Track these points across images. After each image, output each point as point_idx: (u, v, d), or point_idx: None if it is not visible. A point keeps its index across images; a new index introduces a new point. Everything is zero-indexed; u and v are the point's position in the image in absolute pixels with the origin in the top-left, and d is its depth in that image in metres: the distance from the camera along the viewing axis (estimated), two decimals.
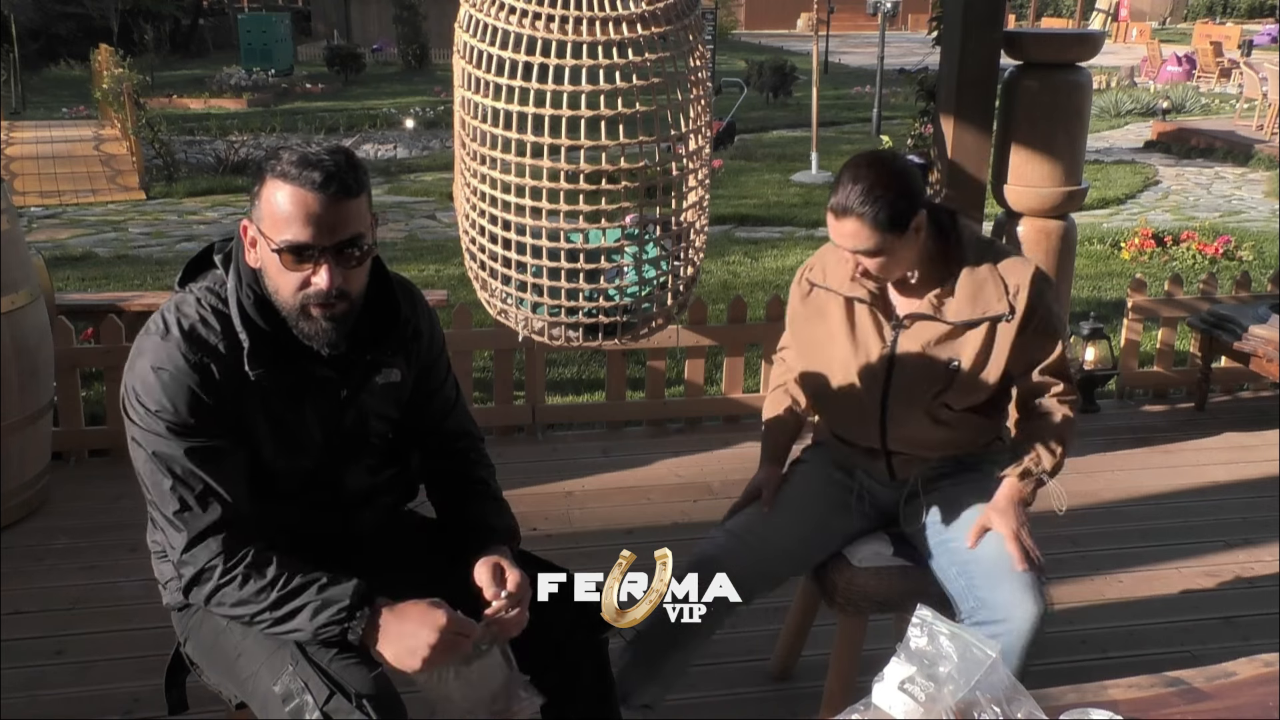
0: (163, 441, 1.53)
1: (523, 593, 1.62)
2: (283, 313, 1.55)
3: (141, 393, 1.53)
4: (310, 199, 1.47)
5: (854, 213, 1.90)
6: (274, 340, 1.57)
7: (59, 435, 3.51)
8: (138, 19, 22.32)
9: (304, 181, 1.47)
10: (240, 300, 1.56)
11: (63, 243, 8.04)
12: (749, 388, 4.10)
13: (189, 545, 1.54)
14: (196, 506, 1.54)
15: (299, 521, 1.67)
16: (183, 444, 1.53)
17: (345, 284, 1.53)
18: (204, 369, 1.53)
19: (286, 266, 1.51)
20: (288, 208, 1.48)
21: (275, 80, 18.57)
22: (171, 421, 1.52)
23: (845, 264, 2.02)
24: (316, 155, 1.49)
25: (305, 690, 1.48)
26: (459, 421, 1.86)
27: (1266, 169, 11.20)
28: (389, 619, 1.52)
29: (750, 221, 8.76)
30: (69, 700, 2.40)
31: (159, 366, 1.53)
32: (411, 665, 1.50)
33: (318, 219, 1.48)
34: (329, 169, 1.48)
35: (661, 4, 2.59)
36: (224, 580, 1.53)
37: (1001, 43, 3.42)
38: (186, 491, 1.53)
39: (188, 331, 1.55)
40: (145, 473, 1.56)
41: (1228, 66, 18.50)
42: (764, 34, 32.01)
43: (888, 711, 1.36)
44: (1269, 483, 3.50)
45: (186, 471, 1.53)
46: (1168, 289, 4.31)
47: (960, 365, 2.01)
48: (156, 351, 1.54)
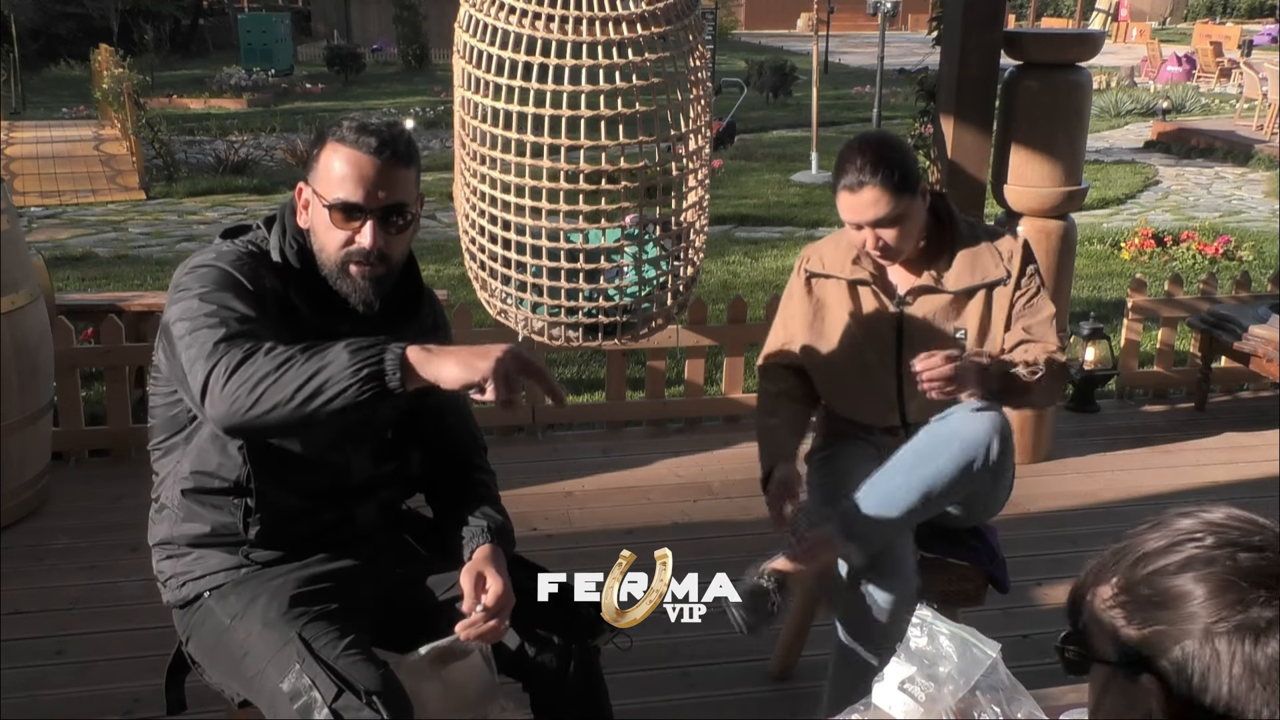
0: (212, 293, 1.54)
1: (502, 604, 1.61)
2: (324, 270, 1.63)
3: (189, 278, 1.57)
4: (364, 161, 1.58)
5: (869, 182, 1.96)
6: (307, 286, 1.64)
7: (59, 435, 3.51)
8: (138, 19, 22.32)
9: (360, 145, 1.58)
10: (283, 249, 1.64)
11: (63, 243, 8.04)
12: (749, 388, 4.10)
13: (223, 339, 1.46)
14: (237, 325, 1.50)
15: (304, 510, 1.68)
16: (231, 307, 1.52)
17: (387, 247, 1.61)
18: (255, 273, 1.60)
19: (335, 224, 1.60)
20: (343, 168, 1.58)
21: (275, 80, 18.57)
22: (222, 291, 1.54)
23: (847, 249, 2.09)
24: (375, 124, 1.61)
25: (313, 688, 1.48)
26: (462, 425, 1.87)
27: (1266, 169, 11.20)
28: (435, 348, 1.39)
29: (750, 221, 8.76)
30: (69, 700, 2.40)
31: (210, 263, 1.59)
32: (485, 364, 1.34)
33: (369, 180, 1.58)
34: (384, 136, 1.59)
35: (661, 4, 2.59)
36: (249, 350, 1.44)
37: (1001, 43, 3.42)
38: (225, 323, 1.49)
39: (241, 251, 1.63)
40: (187, 319, 1.51)
41: (1228, 66, 18.49)
42: (764, 34, 32.01)
43: (888, 711, 1.37)
44: (1269, 483, 3.50)
45: (225, 316, 1.50)
46: (1168, 289, 4.31)
47: (966, 333, 2.09)
48: (208, 255, 1.62)
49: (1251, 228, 8.60)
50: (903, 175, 1.98)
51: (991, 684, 1.33)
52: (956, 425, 1.95)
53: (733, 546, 3.08)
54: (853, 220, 2.02)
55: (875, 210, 1.98)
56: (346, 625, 1.59)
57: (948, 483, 1.93)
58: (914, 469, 1.95)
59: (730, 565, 1.63)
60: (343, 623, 1.59)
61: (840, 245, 2.18)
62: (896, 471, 1.96)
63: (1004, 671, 1.35)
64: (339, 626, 1.57)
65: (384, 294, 1.66)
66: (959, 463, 1.93)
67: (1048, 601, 2.76)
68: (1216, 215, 9.20)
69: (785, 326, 2.26)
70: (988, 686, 1.33)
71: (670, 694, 2.45)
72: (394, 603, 1.74)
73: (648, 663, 2.42)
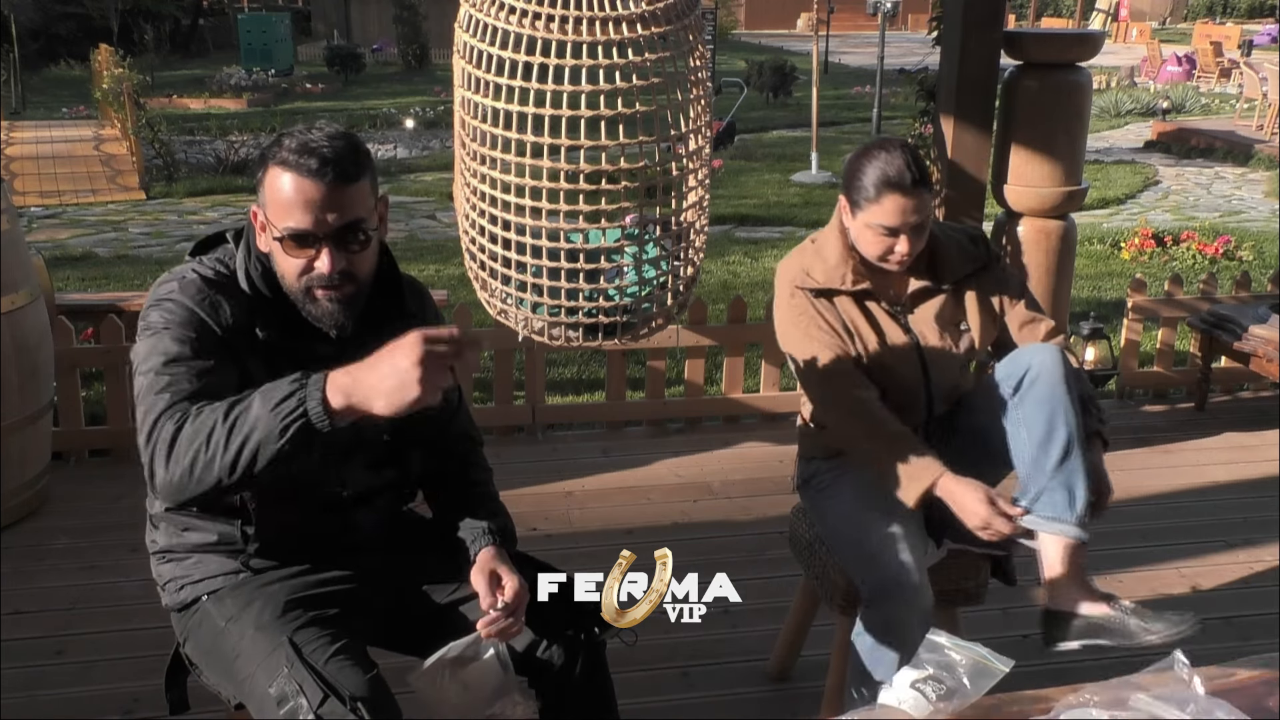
0: (168, 342, 1.50)
1: (519, 601, 1.62)
2: (291, 297, 1.57)
3: (153, 318, 1.53)
4: (309, 186, 1.48)
5: (920, 184, 1.97)
6: (278, 312, 1.58)
7: (59, 435, 3.51)
8: (138, 19, 22.33)
9: (302, 169, 1.48)
10: (248, 270, 1.57)
11: (63, 243, 8.04)
12: (749, 388, 4.10)
13: (154, 423, 1.42)
14: (187, 385, 1.46)
15: (300, 522, 1.67)
16: (185, 363, 1.48)
17: (350, 266, 1.54)
18: (217, 307, 1.54)
19: (289, 253, 1.52)
20: (288, 194, 1.49)
21: (275, 80, 18.57)
22: (178, 347, 1.49)
23: (837, 261, 2.08)
24: (316, 141, 1.50)
25: (300, 693, 1.47)
26: (460, 425, 1.86)
27: (1266, 169, 11.20)
28: (356, 372, 1.32)
29: (750, 221, 8.77)
30: (69, 700, 2.40)
31: (173, 296, 1.54)
32: (411, 394, 1.28)
33: (316, 205, 1.49)
34: (327, 155, 1.49)
35: (661, 4, 2.58)
36: (180, 424, 1.40)
37: (1001, 43, 3.42)
38: (172, 385, 1.46)
39: (205, 278, 1.57)
40: (142, 388, 1.48)
41: (1228, 66, 18.49)
42: (764, 34, 32.00)
43: (898, 707, 1.36)
44: (1269, 483, 3.50)
45: (176, 376, 1.46)
46: (1168, 289, 4.31)
47: (969, 325, 2.13)
48: (171, 286, 1.56)
49: (1251, 228, 8.60)
50: (928, 178, 2.01)
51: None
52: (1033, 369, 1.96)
53: (733, 546, 3.08)
54: (896, 224, 1.98)
55: (921, 214, 1.98)
56: (340, 630, 1.58)
57: (1070, 409, 1.93)
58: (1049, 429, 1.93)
59: (730, 565, 1.63)
60: (337, 628, 1.58)
61: (822, 259, 2.11)
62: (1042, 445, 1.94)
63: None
64: (331, 631, 1.57)
65: (358, 312, 1.59)
66: (1063, 385, 1.93)
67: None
68: (1216, 215, 9.20)
69: (818, 339, 2.08)
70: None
71: (670, 694, 2.45)
72: (400, 606, 1.74)
73: (648, 663, 2.42)
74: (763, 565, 2.94)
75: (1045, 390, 1.94)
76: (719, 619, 2.58)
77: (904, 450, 1.95)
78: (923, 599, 1.91)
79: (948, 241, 2.14)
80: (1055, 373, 1.94)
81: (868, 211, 2.01)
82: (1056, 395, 1.93)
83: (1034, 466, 1.95)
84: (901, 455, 1.95)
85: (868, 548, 1.97)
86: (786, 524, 2.38)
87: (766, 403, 4.02)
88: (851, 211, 2.06)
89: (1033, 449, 1.95)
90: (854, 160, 2.06)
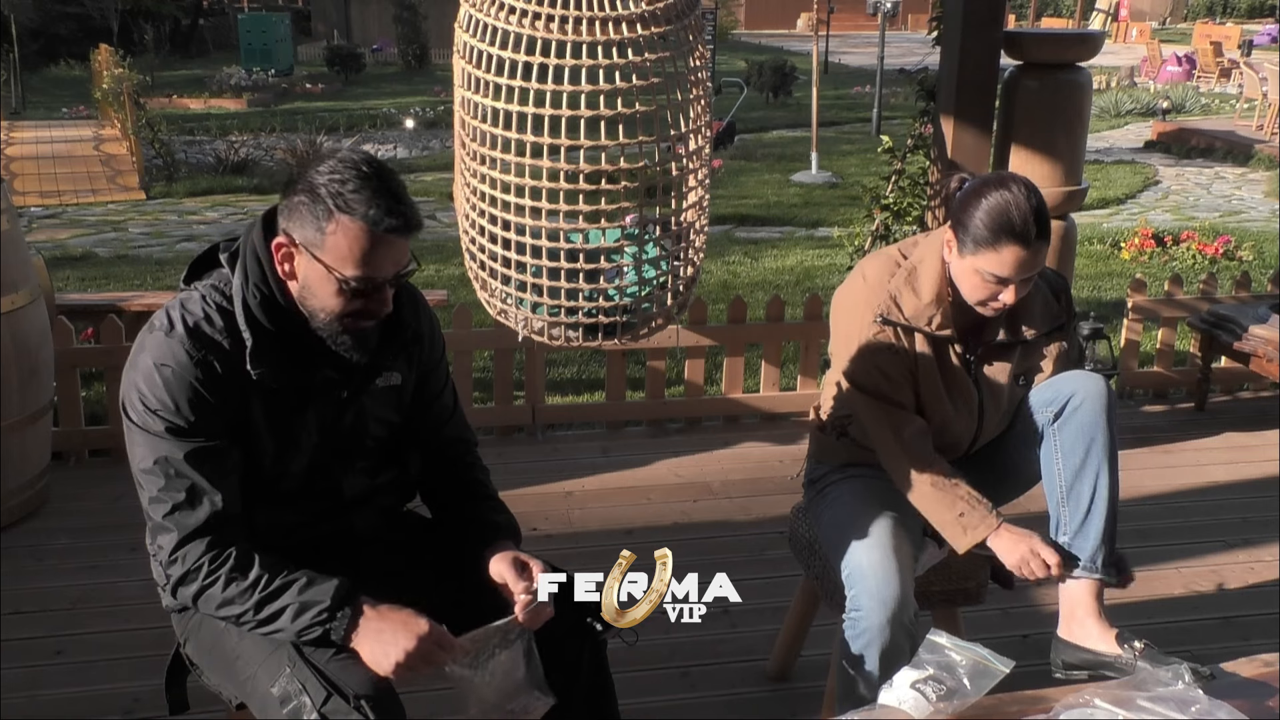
0: (160, 442, 1.53)
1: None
2: (318, 328, 1.57)
3: (144, 389, 1.53)
4: (385, 240, 1.51)
5: (1037, 237, 1.83)
6: (278, 340, 1.57)
7: (59, 435, 3.51)
8: (138, 19, 22.31)
9: (380, 225, 1.50)
10: (246, 299, 1.56)
11: (63, 243, 8.04)
12: (749, 388, 4.10)
13: (179, 545, 1.55)
14: (187, 506, 1.54)
15: (299, 525, 1.68)
16: (180, 445, 1.53)
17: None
18: (207, 365, 1.54)
19: (350, 297, 1.54)
20: (364, 246, 1.50)
21: (275, 80, 18.56)
22: (171, 421, 1.53)
23: (931, 300, 1.95)
24: (384, 196, 1.50)
25: (303, 692, 1.48)
26: (456, 429, 1.86)
27: (1266, 169, 11.20)
28: (370, 617, 1.52)
29: (750, 221, 8.76)
30: (69, 700, 2.40)
31: (161, 363, 1.53)
32: (384, 668, 1.49)
33: (390, 258, 1.53)
34: (404, 212, 1.51)
35: (661, 4, 2.59)
36: (208, 581, 1.54)
37: (1001, 43, 3.42)
38: (179, 492, 1.54)
39: (192, 328, 1.55)
40: (140, 472, 1.56)
41: (1228, 66, 18.49)
42: (764, 34, 32.00)
43: (898, 707, 1.36)
44: (1269, 483, 3.50)
45: (180, 472, 1.53)
46: (1168, 289, 4.31)
47: (1029, 381, 2.08)
48: (159, 348, 1.54)
49: (1251, 228, 8.60)
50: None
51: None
52: (1077, 397, 1.94)
53: (733, 546, 3.08)
54: (1009, 275, 1.85)
55: (1037, 268, 1.88)
56: None
57: (1109, 443, 1.95)
58: (1085, 459, 1.94)
59: (730, 565, 1.63)
60: None
61: (914, 291, 1.98)
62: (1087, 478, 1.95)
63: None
64: None
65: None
66: (1104, 415, 1.93)
67: (1047, 602, 2.75)
68: (1216, 215, 9.20)
69: (886, 376, 2.00)
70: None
71: (670, 694, 2.45)
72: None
73: (648, 663, 2.42)
74: (763, 565, 2.94)
75: (1089, 418, 1.92)
76: (719, 619, 2.58)
77: (959, 500, 1.94)
78: (903, 611, 1.86)
79: (1034, 292, 2.02)
80: (1099, 402, 1.92)
81: (981, 257, 1.86)
82: (1098, 425, 1.92)
83: (1066, 500, 1.96)
84: (955, 505, 1.94)
85: (854, 557, 1.94)
86: (786, 524, 2.37)
87: (766, 403, 4.02)
88: (960, 251, 1.90)
89: (1068, 478, 1.95)
90: (973, 195, 1.88)
